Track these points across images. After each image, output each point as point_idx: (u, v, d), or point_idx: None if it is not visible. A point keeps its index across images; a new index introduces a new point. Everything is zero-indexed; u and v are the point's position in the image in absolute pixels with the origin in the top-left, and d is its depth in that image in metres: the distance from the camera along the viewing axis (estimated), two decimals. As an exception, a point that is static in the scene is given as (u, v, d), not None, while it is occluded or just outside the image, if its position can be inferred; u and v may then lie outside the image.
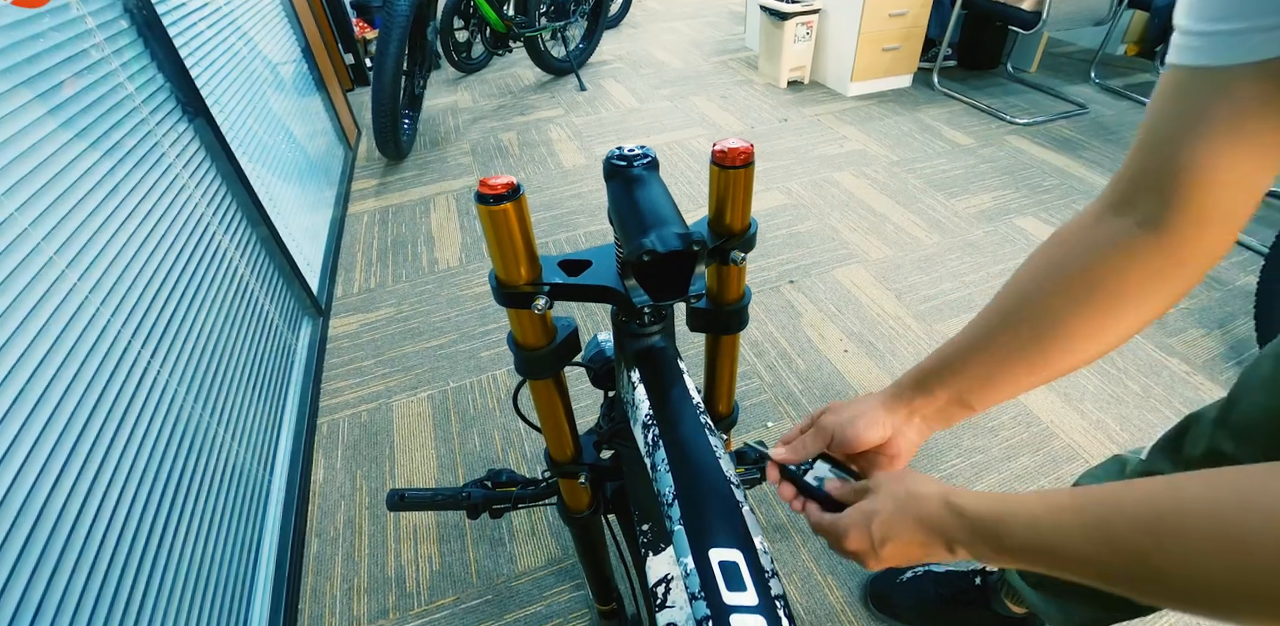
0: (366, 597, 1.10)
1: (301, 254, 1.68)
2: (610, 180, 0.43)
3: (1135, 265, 0.40)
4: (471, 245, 2.01)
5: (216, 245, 1.24)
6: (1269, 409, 0.54)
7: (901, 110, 2.74)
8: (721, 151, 0.44)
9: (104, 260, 0.89)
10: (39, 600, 0.63)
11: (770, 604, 0.32)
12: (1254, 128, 0.35)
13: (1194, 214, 0.37)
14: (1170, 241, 0.39)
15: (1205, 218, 0.37)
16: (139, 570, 0.79)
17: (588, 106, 2.94)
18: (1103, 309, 0.41)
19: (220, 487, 1.03)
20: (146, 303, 0.96)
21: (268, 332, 1.39)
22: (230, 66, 1.54)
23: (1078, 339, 0.42)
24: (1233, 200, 0.37)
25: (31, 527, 0.65)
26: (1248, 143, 0.35)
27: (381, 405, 1.46)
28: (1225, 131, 0.35)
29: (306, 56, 2.34)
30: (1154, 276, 0.40)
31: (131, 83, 1.08)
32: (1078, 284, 0.42)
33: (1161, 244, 0.39)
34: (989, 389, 0.47)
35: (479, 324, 1.68)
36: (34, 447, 0.68)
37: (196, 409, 1.02)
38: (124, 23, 1.10)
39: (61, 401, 0.74)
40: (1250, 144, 0.35)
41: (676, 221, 0.38)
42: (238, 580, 1.01)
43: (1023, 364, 0.45)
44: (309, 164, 2.04)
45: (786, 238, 1.96)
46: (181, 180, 1.17)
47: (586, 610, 1.06)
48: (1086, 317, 0.42)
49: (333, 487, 1.29)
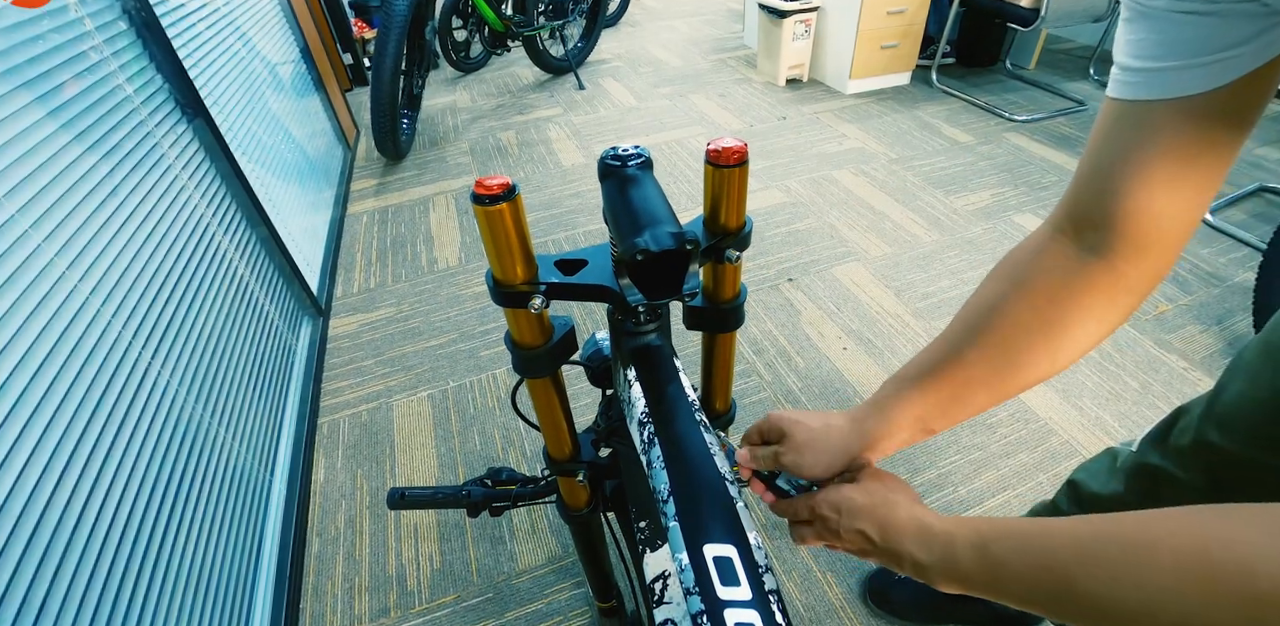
0: (368, 596, 1.11)
1: (301, 254, 1.69)
2: (605, 180, 0.44)
3: (1090, 289, 0.42)
4: (471, 244, 2.02)
5: (216, 246, 1.25)
6: (1251, 397, 0.55)
7: (900, 108, 2.74)
8: (715, 150, 0.44)
9: (104, 261, 0.90)
10: (42, 600, 0.63)
11: (764, 598, 0.32)
12: (1187, 159, 0.37)
13: (1136, 241, 0.39)
14: (1118, 267, 0.41)
15: (1146, 244, 0.39)
16: (141, 570, 0.79)
17: (586, 105, 2.94)
18: (1062, 330, 0.43)
19: (222, 487, 1.03)
20: (147, 304, 0.97)
21: (268, 333, 1.39)
22: (229, 67, 1.54)
23: (1040, 356, 0.44)
24: (1172, 227, 0.39)
25: (34, 528, 0.65)
26: (1183, 173, 0.37)
27: (381, 405, 1.46)
28: (1161, 163, 0.37)
29: (305, 57, 2.34)
30: (1105, 300, 0.42)
31: (130, 84, 1.08)
32: (1043, 304, 0.43)
33: (1111, 269, 0.41)
34: (953, 409, 0.47)
35: (478, 323, 1.68)
36: (36, 449, 0.69)
37: (197, 409, 1.02)
38: (123, 24, 1.11)
39: (63, 403, 0.75)
40: (1185, 174, 0.37)
41: (670, 220, 0.38)
42: (240, 579, 1.02)
43: (988, 383, 0.46)
44: (308, 164, 2.05)
45: (785, 235, 1.96)
46: (181, 181, 1.17)
47: (587, 608, 1.06)
48: (1050, 337, 0.43)
49: (333, 487, 1.29)
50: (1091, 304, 0.42)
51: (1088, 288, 0.42)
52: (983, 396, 0.46)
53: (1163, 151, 0.37)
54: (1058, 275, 0.43)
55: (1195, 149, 0.36)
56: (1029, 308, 0.44)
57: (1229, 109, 0.35)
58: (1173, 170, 0.37)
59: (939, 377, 0.47)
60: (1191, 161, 0.37)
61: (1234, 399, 0.58)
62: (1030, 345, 0.44)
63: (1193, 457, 0.62)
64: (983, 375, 0.45)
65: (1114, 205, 0.39)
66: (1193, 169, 0.37)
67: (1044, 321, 0.43)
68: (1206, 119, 0.35)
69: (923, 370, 0.48)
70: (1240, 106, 0.35)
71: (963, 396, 0.47)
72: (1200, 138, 0.36)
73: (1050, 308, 0.43)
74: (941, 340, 0.48)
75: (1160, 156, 0.37)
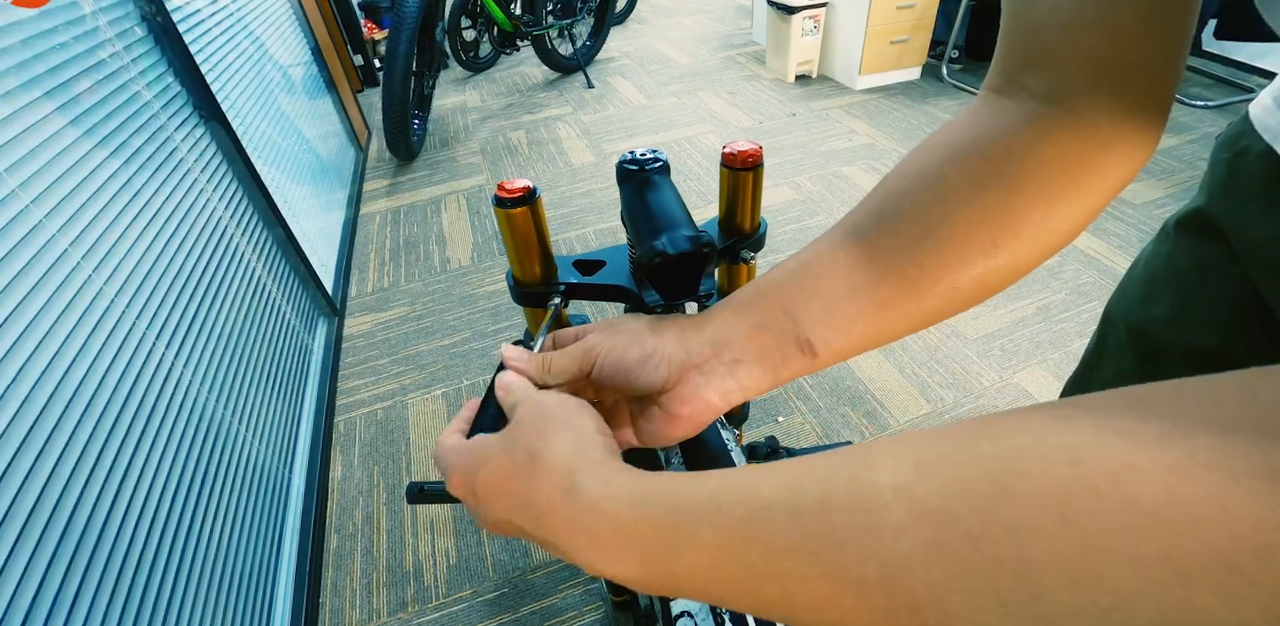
0: (385, 591, 1.12)
1: (316, 254, 1.71)
2: (623, 184, 0.44)
3: (1045, 145, 0.29)
4: (483, 244, 2.03)
5: (234, 247, 1.27)
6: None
7: (911, 103, 2.73)
8: (731, 154, 0.45)
9: (128, 264, 0.92)
10: (74, 592, 0.65)
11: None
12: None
13: (1099, 69, 0.28)
14: (1081, 112, 0.29)
15: (1116, 73, 0.28)
16: (166, 566, 0.81)
17: (596, 104, 2.95)
18: (1012, 199, 0.30)
19: (242, 485, 1.05)
20: (169, 304, 0.98)
21: (285, 332, 1.41)
22: (244, 71, 1.56)
23: (978, 239, 0.30)
24: (1150, 59, 0.28)
25: (66, 524, 0.67)
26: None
27: (396, 403, 1.48)
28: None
29: (317, 58, 2.36)
30: (1071, 161, 0.29)
31: (149, 90, 1.10)
32: (978, 166, 0.30)
33: (1071, 115, 0.29)
34: (846, 316, 0.31)
35: (491, 322, 1.69)
36: (66, 447, 0.71)
37: (218, 408, 1.04)
38: (140, 31, 1.13)
39: (91, 401, 0.76)
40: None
41: (687, 224, 0.39)
42: (261, 575, 1.04)
43: (901, 273, 0.31)
44: (321, 165, 2.07)
45: (796, 233, 1.96)
46: (199, 184, 1.19)
47: (600, 602, 1.08)
48: (990, 208, 0.30)
49: (350, 484, 1.31)
50: (1054, 165, 0.29)
51: (1044, 143, 0.29)
52: (898, 295, 0.31)
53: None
54: (1009, 131, 0.30)
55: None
56: (968, 166, 0.31)
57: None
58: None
59: (840, 252, 0.32)
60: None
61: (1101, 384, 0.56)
62: (970, 213, 0.30)
63: None
64: (902, 253, 0.31)
65: (1056, 27, 0.28)
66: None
67: (990, 181, 0.30)
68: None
69: (816, 250, 0.33)
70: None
71: (863, 290, 0.31)
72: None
73: (999, 165, 0.30)
74: (853, 212, 0.34)
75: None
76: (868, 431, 1.34)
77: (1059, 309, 1.61)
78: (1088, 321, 1.56)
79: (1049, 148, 0.29)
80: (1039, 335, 1.54)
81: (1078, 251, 1.79)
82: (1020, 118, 0.30)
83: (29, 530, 0.63)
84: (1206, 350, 0.45)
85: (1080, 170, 0.29)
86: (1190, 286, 0.46)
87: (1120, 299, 0.52)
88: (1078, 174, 0.29)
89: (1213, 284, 0.44)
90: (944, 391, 1.41)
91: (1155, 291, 0.48)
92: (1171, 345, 0.47)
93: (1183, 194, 2.00)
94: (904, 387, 1.43)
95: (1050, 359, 1.47)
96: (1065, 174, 0.29)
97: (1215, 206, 0.43)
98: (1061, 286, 1.67)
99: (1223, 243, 0.43)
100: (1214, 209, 0.43)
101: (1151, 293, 0.49)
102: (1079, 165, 0.29)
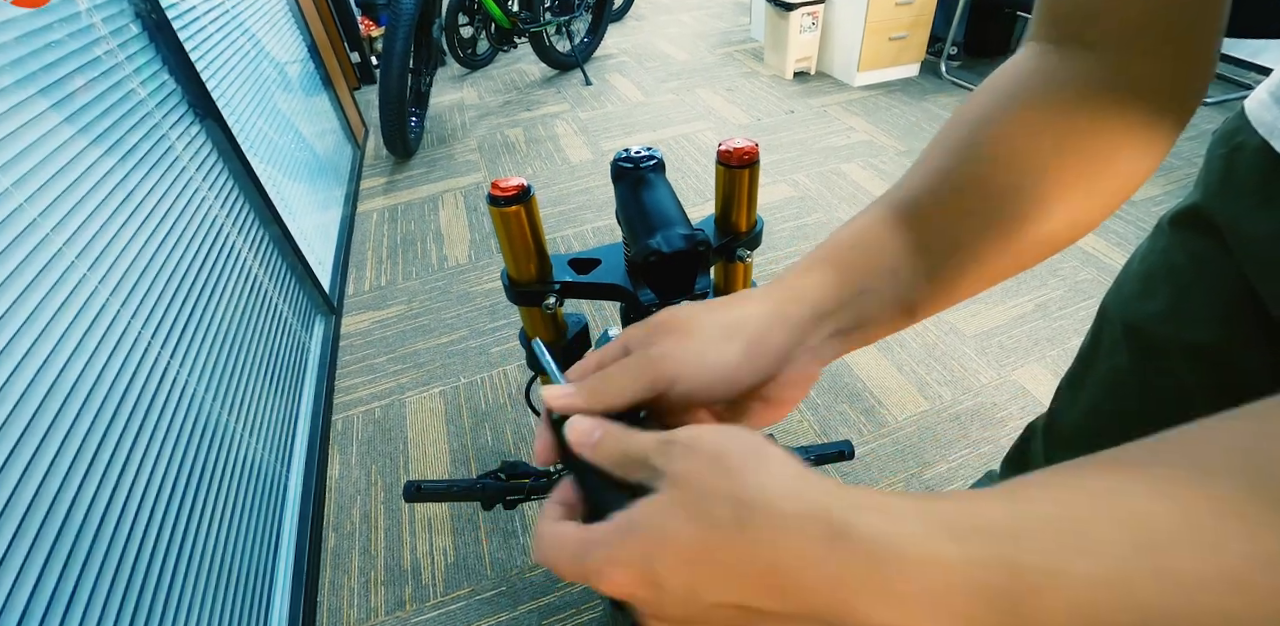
0: (383, 589, 1.12)
1: (313, 252, 1.70)
2: (618, 182, 0.44)
3: (1089, 94, 0.30)
4: (480, 242, 2.03)
5: (230, 245, 1.26)
6: (1079, 416, 0.55)
7: (909, 100, 2.72)
8: (727, 151, 0.45)
9: (123, 262, 0.91)
10: (71, 591, 0.65)
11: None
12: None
13: (1144, 20, 0.28)
14: (1131, 63, 0.29)
15: (1160, 24, 0.28)
16: (164, 565, 0.81)
17: (593, 101, 2.94)
18: (1092, 153, 0.29)
19: (239, 483, 1.05)
20: (165, 303, 0.98)
21: (282, 331, 1.41)
22: (239, 67, 1.56)
23: (1066, 192, 0.30)
24: (1204, 17, 0.28)
25: (62, 523, 0.67)
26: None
27: (394, 401, 1.48)
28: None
29: (313, 56, 2.35)
30: (1118, 110, 0.30)
31: (144, 87, 1.10)
32: (1034, 119, 0.30)
33: (1120, 67, 0.29)
34: (948, 275, 0.31)
35: (489, 320, 1.69)
36: (61, 446, 0.70)
37: (215, 407, 1.04)
38: (135, 28, 1.12)
39: (86, 401, 0.76)
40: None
41: (682, 222, 0.39)
42: (258, 574, 1.04)
43: (997, 227, 0.30)
44: (318, 163, 2.06)
45: (794, 230, 1.96)
46: (195, 182, 1.19)
47: (599, 600, 1.08)
48: (1079, 161, 0.30)
49: (348, 483, 1.31)
50: (1103, 114, 0.29)
51: (1086, 92, 0.29)
52: (995, 248, 0.30)
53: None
54: (1046, 82, 0.30)
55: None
56: (1022, 128, 0.30)
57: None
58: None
59: (930, 210, 0.31)
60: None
61: (1067, 419, 0.57)
62: (1057, 172, 0.30)
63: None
64: (993, 207, 0.30)
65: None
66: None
67: (1077, 136, 0.30)
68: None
69: (897, 206, 0.32)
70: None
71: (963, 244, 0.30)
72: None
73: (1041, 121, 0.30)
74: (927, 159, 0.33)
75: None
76: (865, 429, 1.34)
77: (1057, 306, 1.61)
78: (1085, 318, 1.56)
79: (1096, 101, 0.29)
80: (1037, 332, 1.54)
81: (1076, 248, 1.79)
82: (1064, 71, 0.30)
83: (24, 530, 0.62)
84: (1201, 346, 0.45)
85: (1151, 128, 0.30)
86: (1185, 283, 0.46)
87: (1115, 295, 0.52)
88: (1134, 122, 0.30)
89: (1207, 280, 0.44)
90: (942, 389, 1.41)
91: (1150, 288, 0.48)
92: (1167, 341, 0.47)
93: (1180, 191, 2.00)
94: (902, 385, 1.43)
95: (1048, 356, 1.47)
96: (1120, 123, 0.29)
97: (1210, 202, 0.43)
98: (1060, 283, 1.67)
99: (1218, 239, 0.43)
100: (1209, 205, 0.43)
101: (1147, 289, 0.48)
102: (1131, 115, 0.29)
